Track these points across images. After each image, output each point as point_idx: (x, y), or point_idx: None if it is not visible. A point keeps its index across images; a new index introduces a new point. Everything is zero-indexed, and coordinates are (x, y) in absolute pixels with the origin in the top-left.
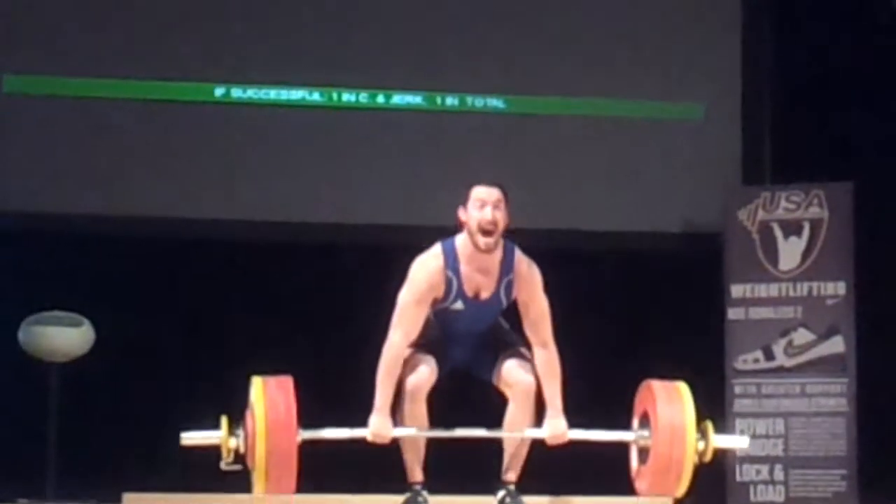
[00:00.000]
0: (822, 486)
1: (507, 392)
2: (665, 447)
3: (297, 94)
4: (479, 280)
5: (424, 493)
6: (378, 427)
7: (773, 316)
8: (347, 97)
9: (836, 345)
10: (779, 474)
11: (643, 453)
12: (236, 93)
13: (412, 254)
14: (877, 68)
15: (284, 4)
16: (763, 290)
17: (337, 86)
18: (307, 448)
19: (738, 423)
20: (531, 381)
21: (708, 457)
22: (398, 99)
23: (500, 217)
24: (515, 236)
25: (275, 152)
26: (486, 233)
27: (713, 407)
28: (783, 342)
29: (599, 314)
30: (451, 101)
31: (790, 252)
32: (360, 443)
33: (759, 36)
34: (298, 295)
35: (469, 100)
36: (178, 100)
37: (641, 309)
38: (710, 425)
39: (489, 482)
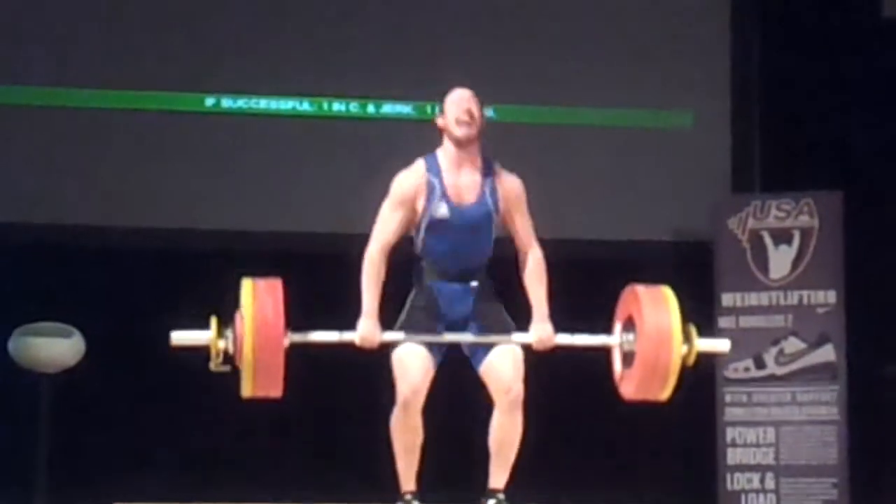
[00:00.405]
0: (813, 494)
1: (494, 396)
2: (651, 351)
3: (287, 104)
4: (462, 182)
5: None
6: (366, 331)
7: (763, 324)
8: (338, 107)
9: (827, 353)
10: (770, 483)
11: (628, 358)
12: (227, 103)
13: (408, 261)
14: (866, 77)
15: (275, 14)
16: (754, 299)
17: (327, 95)
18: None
19: (729, 431)
20: (519, 388)
21: (691, 360)
22: (388, 108)
23: (476, 111)
24: (505, 246)
25: (266, 162)
26: (463, 123)
27: (704, 415)
28: (774, 351)
29: (589, 324)
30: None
31: (780, 261)
32: (350, 445)
33: (748, 44)
34: (299, 306)
35: None
36: (169, 110)
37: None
38: (693, 328)
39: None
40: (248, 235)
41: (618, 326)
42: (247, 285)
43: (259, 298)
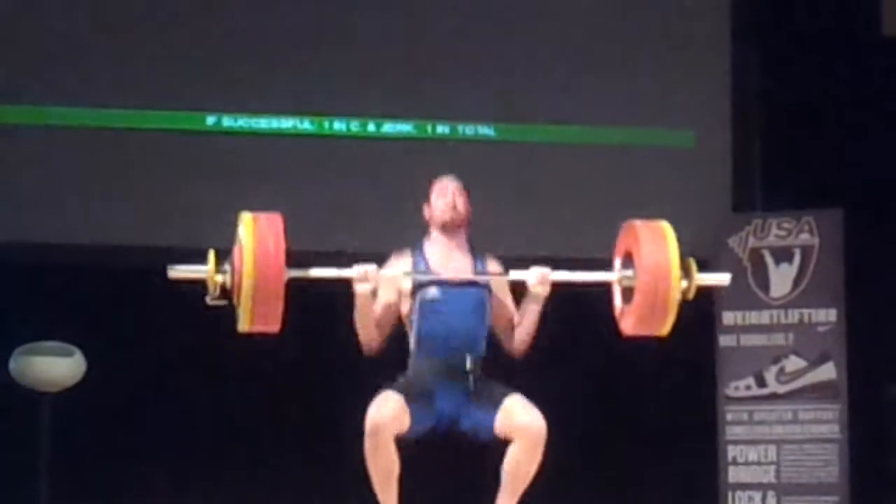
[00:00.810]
0: None
1: (514, 435)
2: (650, 286)
3: (288, 123)
4: (450, 262)
5: None
6: (364, 266)
7: (764, 343)
8: (338, 125)
9: (828, 371)
10: (771, 501)
11: (627, 293)
12: (228, 121)
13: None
14: (867, 95)
15: (276, 33)
16: (754, 318)
17: (328, 114)
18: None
19: (731, 449)
20: (542, 425)
21: (691, 294)
22: (389, 127)
23: (462, 202)
24: (506, 264)
25: (267, 180)
26: (449, 209)
27: (705, 434)
28: (775, 369)
29: (589, 342)
30: (441, 129)
31: (781, 279)
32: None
33: (748, 63)
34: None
35: (460, 128)
36: (170, 129)
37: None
38: (693, 262)
39: None
40: None
41: (617, 262)
42: (246, 219)
43: (259, 231)
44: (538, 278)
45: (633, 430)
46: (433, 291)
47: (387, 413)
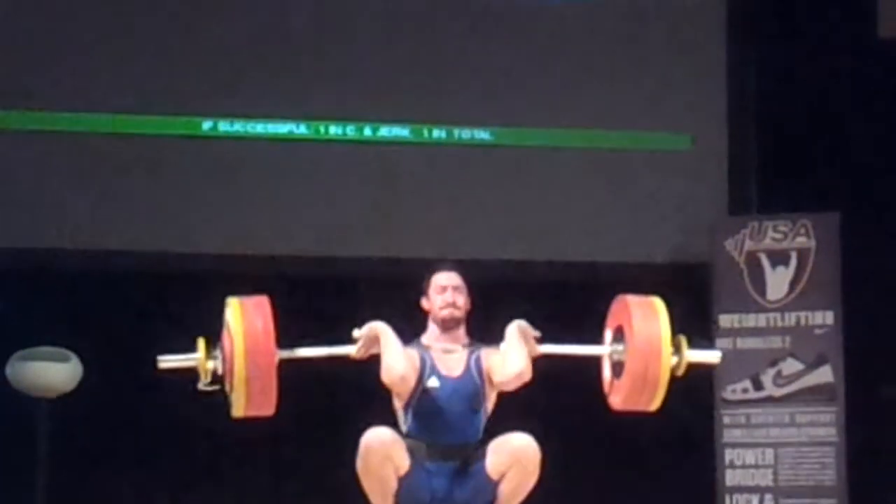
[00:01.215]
0: None
1: (511, 463)
2: (640, 362)
3: (284, 128)
4: (448, 359)
5: None
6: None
7: (761, 346)
8: (335, 130)
9: (825, 374)
10: None
11: (617, 367)
12: (224, 126)
13: (409, 286)
14: (862, 98)
15: (272, 38)
16: (751, 320)
17: (324, 119)
18: None
19: (728, 452)
20: (535, 446)
21: (681, 371)
22: (385, 131)
23: (462, 299)
24: (502, 268)
25: (263, 185)
26: (448, 306)
27: (702, 437)
28: (772, 372)
29: (586, 344)
30: (438, 133)
31: (778, 282)
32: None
33: (745, 66)
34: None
35: (456, 132)
36: (166, 134)
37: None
38: (683, 340)
39: None
40: (246, 259)
41: (608, 336)
42: (233, 304)
43: (248, 316)
44: (521, 327)
45: (630, 434)
46: (434, 381)
47: (384, 435)
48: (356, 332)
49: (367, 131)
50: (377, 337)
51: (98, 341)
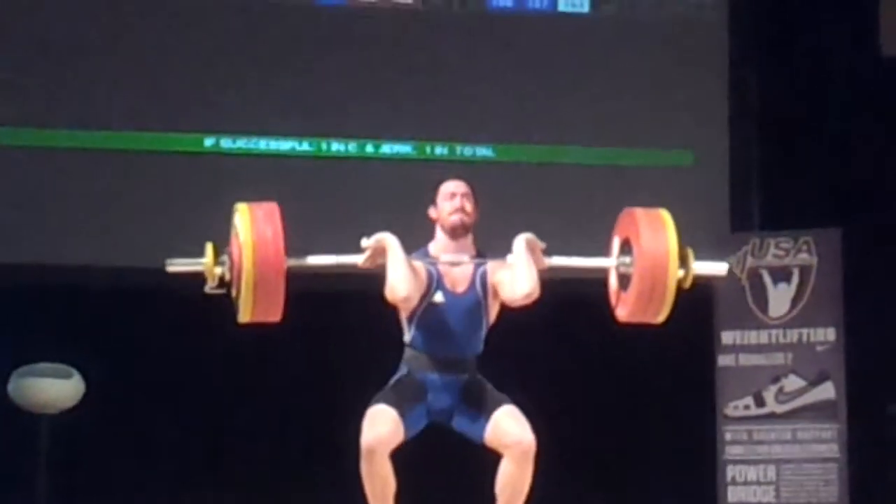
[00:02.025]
0: None
1: (504, 451)
2: (648, 273)
3: (286, 145)
4: (454, 274)
5: None
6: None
7: (763, 362)
8: (337, 147)
9: (827, 391)
10: None
11: (624, 280)
12: (226, 143)
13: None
14: (864, 115)
15: (274, 54)
16: (753, 337)
17: (326, 135)
18: None
19: (730, 469)
20: (531, 439)
21: (688, 283)
22: (387, 148)
23: (470, 206)
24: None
25: (265, 201)
26: (457, 211)
27: (705, 453)
28: (774, 388)
29: (589, 360)
30: (440, 149)
31: (780, 299)
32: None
33: (746, 84)
34: (297, 343)
35: (458, 148)
36: (168, 150)
37: (630, 356)
38: (690, 252)
39: None
40: None
41: (615, 249)
42: (242, 210)
43: (257, 221)
44: (529, 240)
45: (633, 450)
46: (439, 297)
47: (382, 433)
48: (364, 242)
49: (370, 148)
50: (384, 249)
51: (100, 358)
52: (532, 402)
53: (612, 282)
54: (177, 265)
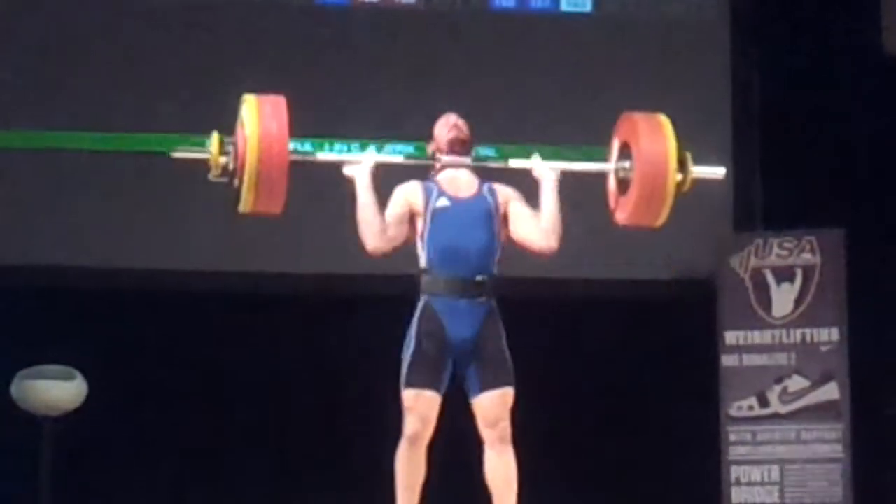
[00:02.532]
0: None
1: (482, 431)
2: (647, 177)
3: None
4: (459, 181)
5: None
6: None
7: (767, 363)
8: (339, 147)
9: (831, 391)
10: None
11: (623, 184)
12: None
13: (405, 302)
14: (867, 114)
15: (276, 55)
16: (757, 337)
17: (328, 136)
18: None
19: (734, 470)
20: (506, 425)
21: (686, 187)
22: (390, 148)
23: (465, 128)
24: (508, 285)
25: None
26: (454, 128)
27: (709, 453)
28: (778, 389)
29: (593, 362)
30: None
31: (783, 299)
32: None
33: (748, 83)
34: (297, 347)
35: None
36: (169, 152)
37: (635, 356)
38: (689, 156)
39: None
40: (252, 277)
41: (614, 153)
42: (250, 101)
43: (263, 112)
44: (537, 165)
45: (636, 450)
46: (443, 201)
47: (427, 419)
48: (346, 172)
49: (372, 148)
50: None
51: (103, 360)
52: (534, 401)
53: (611, 185)
54: (182, 151)
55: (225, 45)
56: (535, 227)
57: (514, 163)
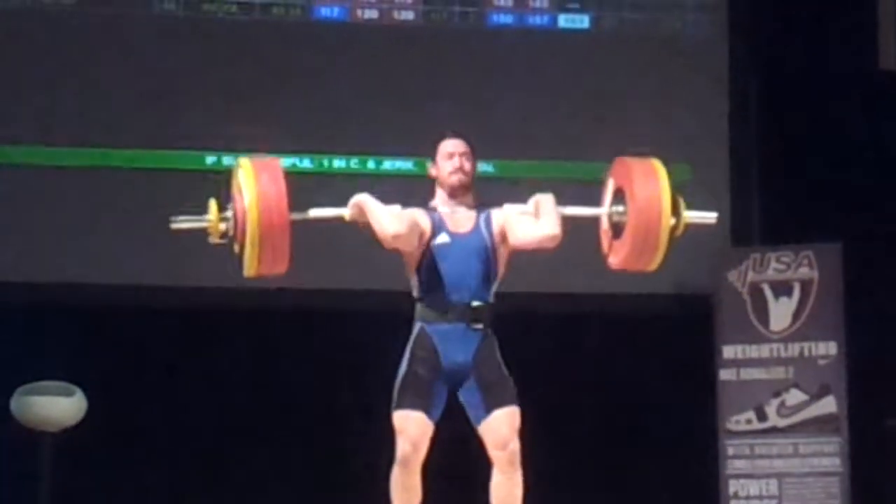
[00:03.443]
0: None
1: (491, 454)
2: (642, 222)
3: (287, 161)
4: (458, 216)
5: None
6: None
7: (765, 376)
8: (338, 163)
9: (829, 405)
10: None
11: (617, 228)
12: (228, 160)
13: (404, 320)
14: (863, 129)
15: (274, 71)
16: (755, 351)
17: (327, 152)
18: None
19: (732, 484)
20: (516, 447)
21: (680, 231)
22: (388, 164)
23: (469, 165)
24: (506, 299)
25: None
26: (457, 171)
27: (706, 468)
28: (775, 403)
29: (591, 376)
30: None
31: (781, 313)
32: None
33: (745, 97)
34: (297, 361)
35: None
36: (170, 168)
37: (633, 371)
38: (682, 201)
39: None
40: (250, 293)
41: (608, 197)
42: (245, 165)
43: (261, 178)
44: (536, 201)
45: (635, 465)
46: (444, 237)
47: (416, 437)
48: (347, 216)
49: (371, 164)
50: (361, 209)
51: (103, 376)
52: (534, 415)
53: (605, 230)
54: (181, 222)
55: (223, 60)
56: (532, 221)
57: (533, 204)
